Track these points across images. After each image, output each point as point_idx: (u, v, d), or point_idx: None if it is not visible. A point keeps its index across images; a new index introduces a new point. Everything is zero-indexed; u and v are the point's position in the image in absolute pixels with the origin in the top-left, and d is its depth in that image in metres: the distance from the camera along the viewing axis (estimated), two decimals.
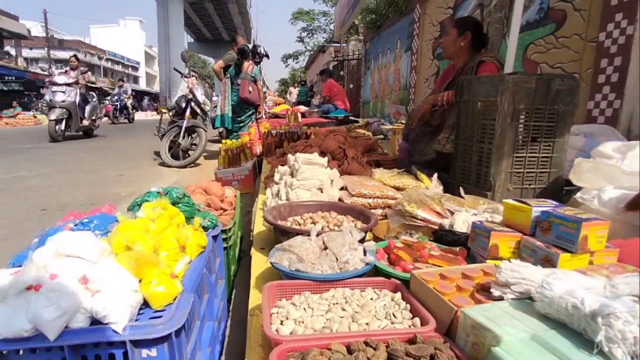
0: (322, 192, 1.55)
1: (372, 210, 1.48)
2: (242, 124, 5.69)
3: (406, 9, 6.28)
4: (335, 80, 7.75)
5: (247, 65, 5.55)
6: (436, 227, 1.29)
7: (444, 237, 1.09)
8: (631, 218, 1.24)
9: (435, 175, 1.69)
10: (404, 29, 6.41)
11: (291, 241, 0.96)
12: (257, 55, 5.87)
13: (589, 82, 2.83)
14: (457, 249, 1.00)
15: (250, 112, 5.67)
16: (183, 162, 5.26)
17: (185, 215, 1.08)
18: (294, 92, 15.61)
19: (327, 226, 1.22)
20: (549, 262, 0.82)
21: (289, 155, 1.68)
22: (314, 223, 1.25)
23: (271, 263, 0.90)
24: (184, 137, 5.42)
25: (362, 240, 1.01)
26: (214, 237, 1.18)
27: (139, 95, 35.90)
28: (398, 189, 1.63)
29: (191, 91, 5.67)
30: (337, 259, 0.91)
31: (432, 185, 1.66)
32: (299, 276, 0.85)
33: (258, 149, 4.09)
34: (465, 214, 1.14)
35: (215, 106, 7.86)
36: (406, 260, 0.97)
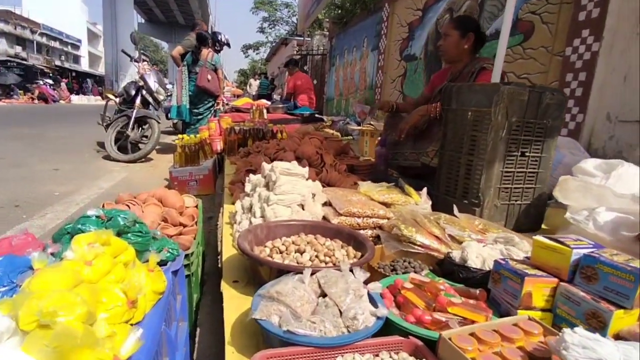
0: (303, 208, 1.35)
1: (362, 232, 1.30)
2: (200, 117, 5.30)
3: (374, 7, 6.18)
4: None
5: (207, 53, 5.16)
6: (435, 254, 1.14)
7: (456, 272, 0.93)
8: (635, 248, 1.17)
9: (425, 190, 1.55)
10: (371, 27, 6.31)
11: (279, 286, 0.75)
12: (217, 43, 5.49)
13: None
14: (477, 291, 0.84)
15: (210, 104, 5.29)
16: (132, 156, 4.78)
17: (137, 248, 0.83)
18: (254, 85, 15.09)
19: (316, 256, 1.02)
20: (597, 318, 0.69)
21: (264, 165, 1.45)
22: (299, 252, 1.05)
23: (256, 320, 0.68)
24: (133, 129, 4.92)
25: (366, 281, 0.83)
26: (175, 272, 0.94)
27: (80, 76, 33.13)
28: (386, 204, 1.46)
29: (142, 77, 5.17)
30: (340, 312, 0.72)
31: (422, 201, 1.52)
32: (296, 341, 0.64)
33: (219, 145, 3.78)
34: (476, 246, 0.99)
35: (170, 95, 7.35)
36: (418, 306, 0.79)
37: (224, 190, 2.55)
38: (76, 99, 21.99)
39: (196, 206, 1.77)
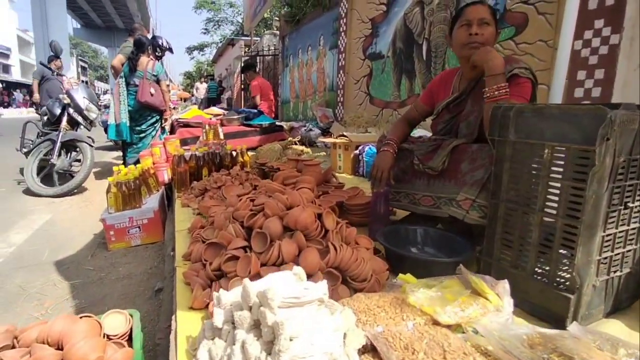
0: None
1: None
2: (143, 134, 4.34)
3: (330, 3, 5.49)
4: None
5: (147, 62, 4.21)
6: None
7: None
8: None
9: (506, 286, 0.92)
10: (327, 25, 5.62)
11: None
12: (158, 49, 4.54)
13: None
14: None
15: (154, 120, 4.35)
16: (60, 190, 3.74)
17: None
18: (201, 88, 13.83)
19: None
20: None
21: (247, 286, 0.73)
22: None
23: None
24: (59, 155, 3.89)
25: None
26: None
27: (11, 87, 29.30)
28: (458, 326, 0.82)
29: (68, 93, 4.11)
30: None
31: (505, 304, 0.89)
32: None
33: (165, 175, 2.95)
34: None
35: (107, 106, 6.24)
36: None
37: (174, 240, 1.78)
38: (6, 113, 19.19)
39: (128, 338, 1.01)
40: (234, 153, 2.85)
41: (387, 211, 1.69)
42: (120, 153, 5.51)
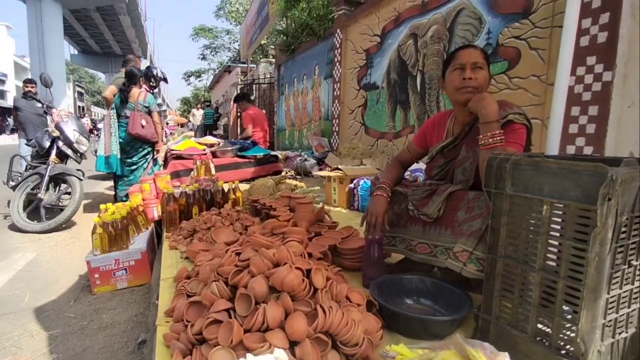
0: None
1: None
2: (135, 167, 4.32)
3: (324, 34, 5.61)
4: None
5: (138, 93, 4.24)
6: None
7: None
8: None
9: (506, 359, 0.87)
10: (322, 54, 5.73)
11: None
12: (151, 79, 4.59)
13: None
14: None
15: (145, 152, 4.33)
16: (47, 225, 3.67)
17: None
18: (197, 115, 13.96)
19: None
20: None
21: None
22: None
23: None
24: (47, 189, 3.84)
25: None
26: None
27: (6, 112, 29.55)
28: None
29: (57, 126, 4.10)
30: None
31: None
32: None
33: (155, 212, 2.90)
34: None
35: (97, 135, 6.21)
36: None
37: (159, 287, 1.71)
38: None
39: None
40: (226, 188, 2.82)
41: (381, 257, 1.64)
42: (112, 183, 5.48)
